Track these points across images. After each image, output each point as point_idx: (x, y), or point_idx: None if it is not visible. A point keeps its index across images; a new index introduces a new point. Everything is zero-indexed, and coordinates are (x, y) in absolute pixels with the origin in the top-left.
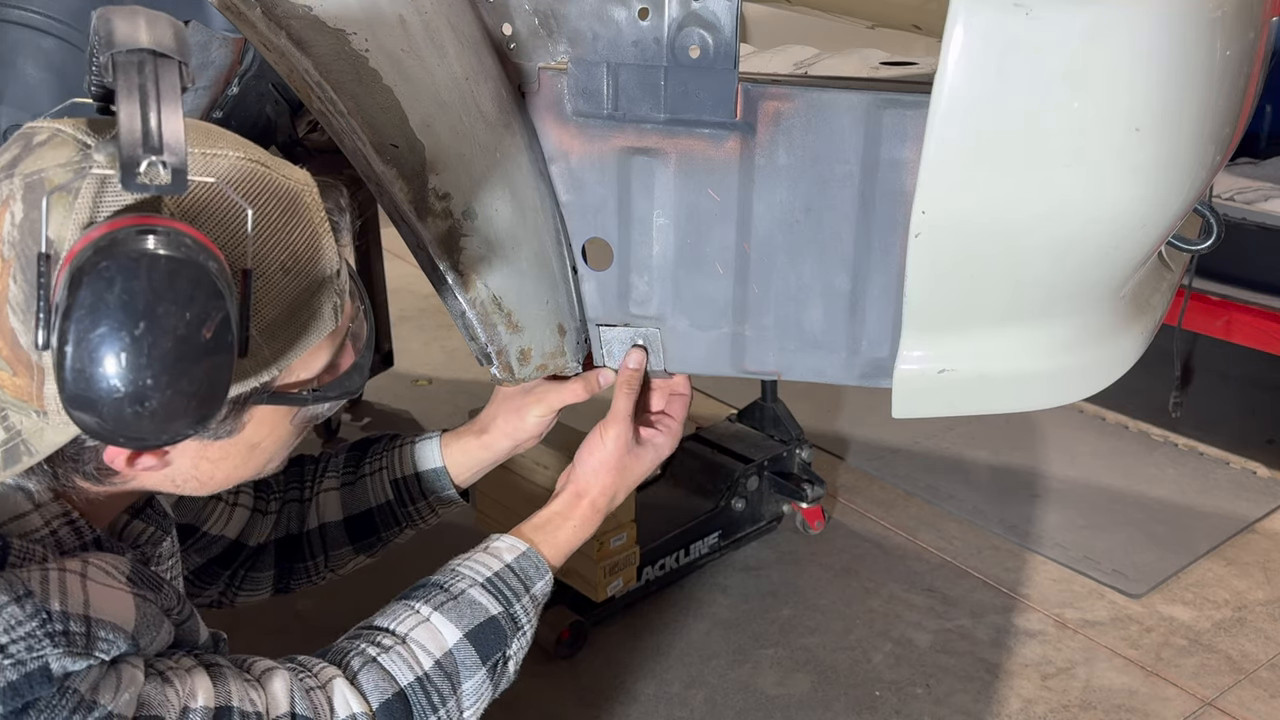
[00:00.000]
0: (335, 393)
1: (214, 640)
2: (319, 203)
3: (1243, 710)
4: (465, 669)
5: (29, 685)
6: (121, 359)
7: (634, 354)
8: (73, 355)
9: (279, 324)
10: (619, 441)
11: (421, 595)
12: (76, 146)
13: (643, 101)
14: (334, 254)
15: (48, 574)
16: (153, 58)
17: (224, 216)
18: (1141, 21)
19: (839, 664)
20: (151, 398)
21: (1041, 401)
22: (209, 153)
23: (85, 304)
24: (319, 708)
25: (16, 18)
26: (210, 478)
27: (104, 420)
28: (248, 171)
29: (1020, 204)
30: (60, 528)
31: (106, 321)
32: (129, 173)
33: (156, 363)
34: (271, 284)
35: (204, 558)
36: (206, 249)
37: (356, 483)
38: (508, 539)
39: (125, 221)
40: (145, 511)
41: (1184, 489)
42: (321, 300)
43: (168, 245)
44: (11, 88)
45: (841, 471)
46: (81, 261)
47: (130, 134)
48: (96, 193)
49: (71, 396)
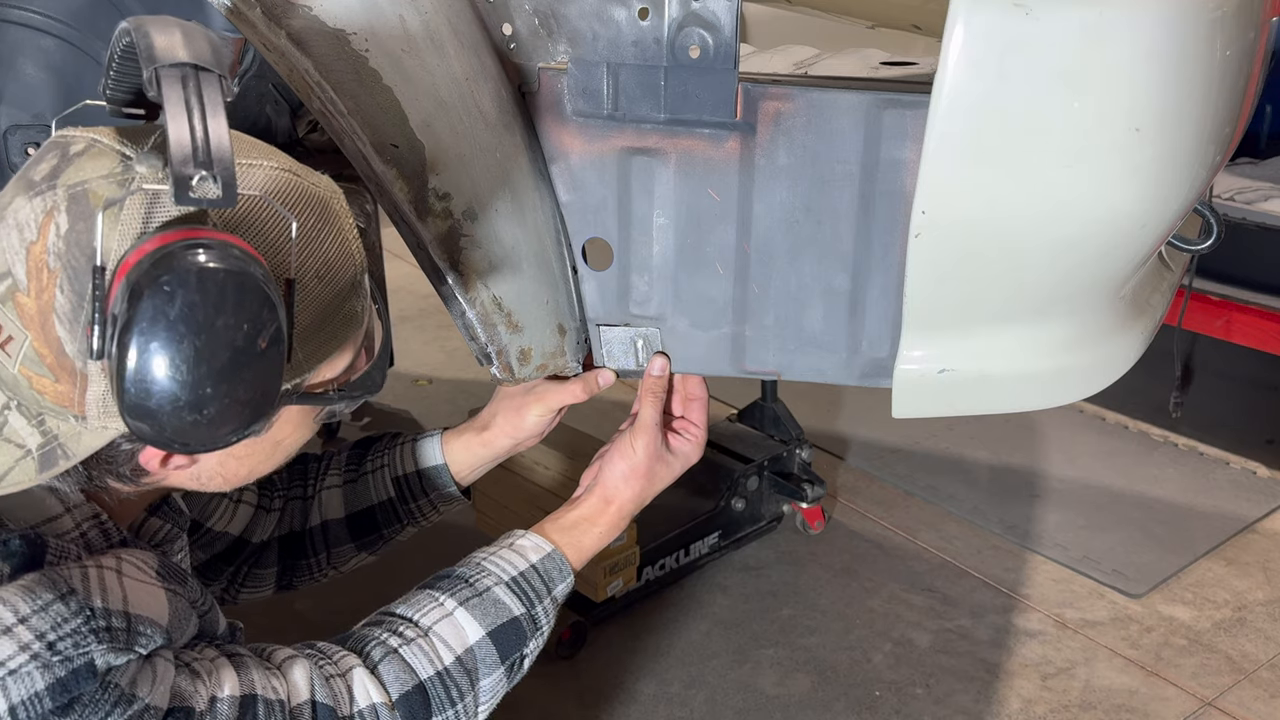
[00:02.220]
0: (359, 390)
1: (231, 630)
2: (347, 209)
3: (1243, 710)
4: (485, 667)
5: (75, 681)
6: (184, 370)
7: (657, 360)
8: (135, 366)
9: (312, 329)
10: (648, 450)
11: (446, 587)
12: (116, 157)
13: (643, 101)
14: (361, 259)
15: (87, 571)
16: (195, 72)
17: (264, 227)
18: (1141, 21)
19: (839, 664)
20: (210, 405)
21: (1042, 401)
22: (244, 163)
23: (147, 316)
24: (339, 695)
25: (16, 18)
26: (235, 474)
27: (163, 428)
28: (283, 181)
29: (1020, 204)
30: (90, 529)
31: (169, 334)
32: (181, 187)
33: (216, 373)
34: (308, 291)
35: (208, 554)
36: (256, 260)
37: (358, 480)
38: (532, 537)
39: (176, 235)
40: (161, 509)
41: (1184, 489)
42: (350, 304)
43: (221, 259)
44: (11, 88)
45: (841, 471)
46: (139, 275)
47: (180, 149)
48: (147, 206)
49: (132, 406)
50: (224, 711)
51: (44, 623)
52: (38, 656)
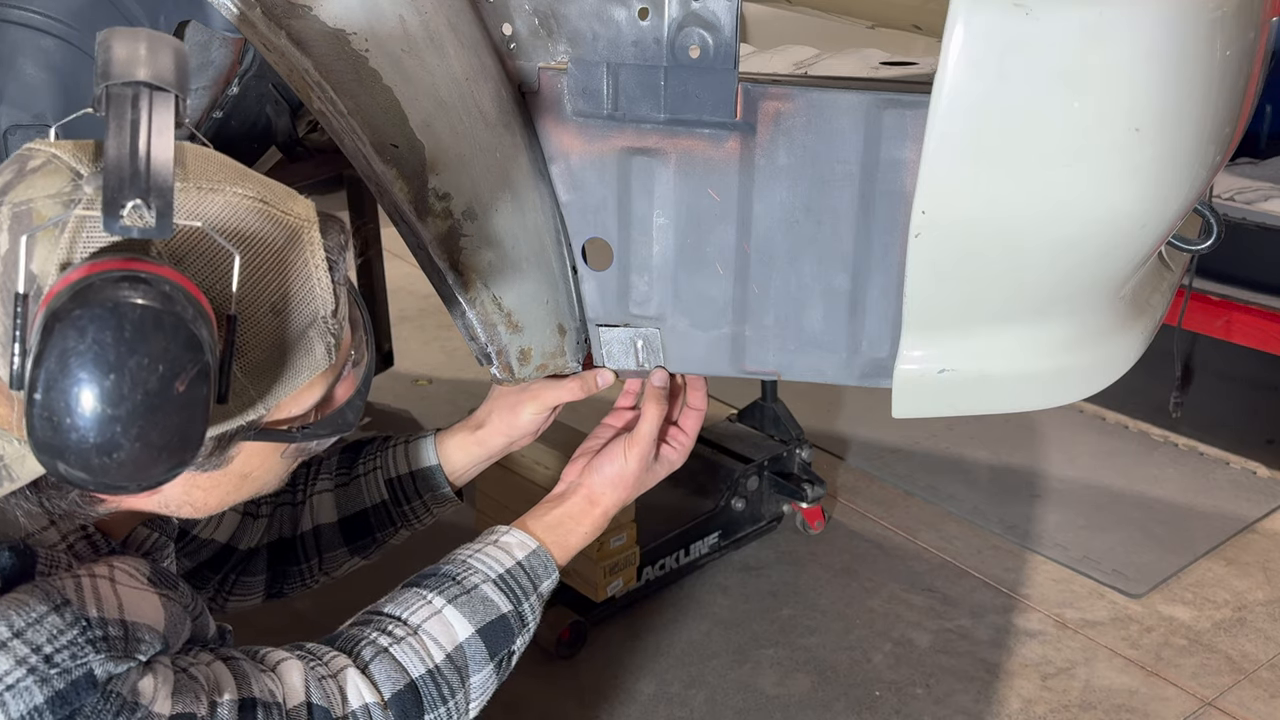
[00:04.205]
0: (326, 430)
1: (220, 633)
2: (318, 240)
3: (1243, 710)
4: (474, 663)
5: (75, 693)
6: (90, 410)
7: (658, 374)
8: (41, 402)
9: (266, 364)
10: (641, 461)
11: (433, 585)
12: (69, 175)
13: (643, 101)
14: (329, 293)
15: (80, 581)
16: (148, 91)
17: (214, 257)
18: (1141, 21)
19: (839, 664)
20: (121, 448)
21: (1042, 401)
22: (205, 188)
23: (56, 351)
24: (331, 697)
25: (16, 18)
26: (204, 504)
27: (72, 468)
28: (244, 209)
29: (1020, 204)
30: (77, 542)
31: (76, 372)
32: (112, 214)
33: (126, 415)
34: (259, 326)
35: (194, 562)
36: (189, 296)
37: (350, 484)
38: (516, 534)
39: (105, 265)
40: (151, 519)
41: (1184, 489)
42: (313, 339)
43: (146, 294)
44: (11, 88)
45: (841, 471)
46: (56, 306)
47: (116, 173)
48: (77, 231)
49: (40, 443)
50: (225, 716)
51: (39, 635)
52: (35, 670)
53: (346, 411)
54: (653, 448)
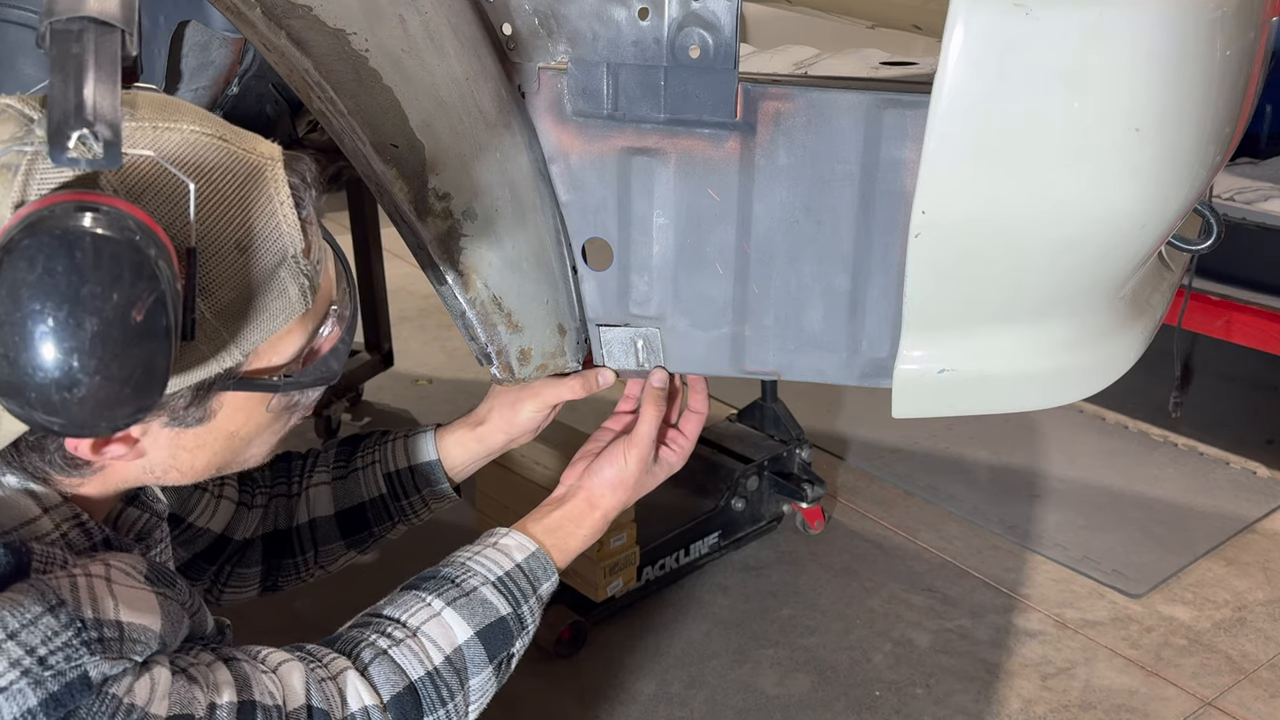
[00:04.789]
0: (310, 379)
1: (219, 628)
2: (282, 178)
3: (1243, 710)
4: (474, 666)
5: (70, 695)
6: (44, 343)
7: (657, 374)
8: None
9: (237, 306)
10: (640, 463)
11: (433, 588)
12: (21, 122)
13: (643, 101)
14: (297, 231)
15: (75, 581)
16: (94, 26)
17: (171, 193)
18: (1141, 21)
19: (839, 664)
20: (80, 384)
21: (1042, 401)
22: (161, 125)
23: (6, 283)
24: (331, 699)
25: (16, 18)
26: (190, 467)
27: (32, 407)
28: (201, 145)
29: (1020, 204)
30: (70, 530)
31: (28, 303)
32: (58, 146)
33: (82, 346)
34: (226, 263)
35: (189, 552)
36: (143, 226)
37: (348, 477)
38: (516, 536)
39: (56, 199)
40: (138, 499)
41: (1184, 489)
42: (285, 280)
43: (96, 222)
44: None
45: (841, 471)
46: (7, 240)
47: (61, 106)
48: (29, 169)
49: (0, 384)
50: (223, 718)
51: (34, 637)
52: (29, 672)
53: (330, 360)
54: (652, 449)
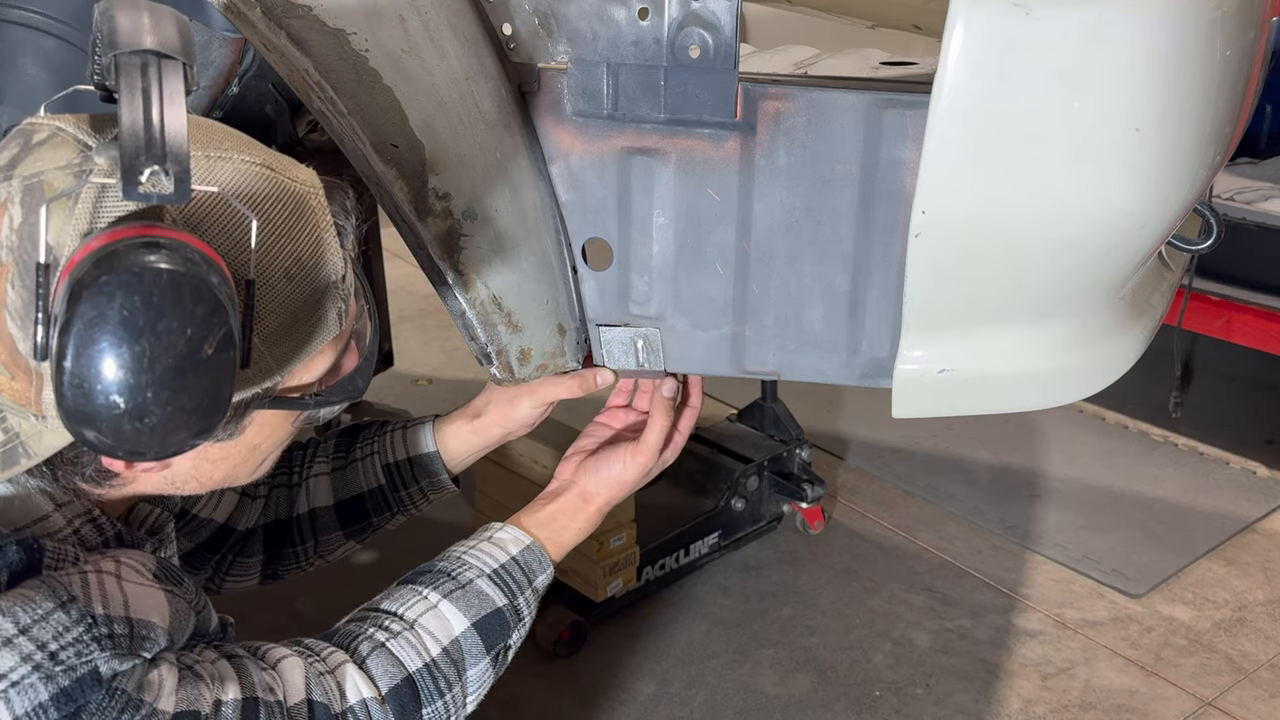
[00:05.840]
0: (338, 396)
1: (222, 625)
2: (325, 206)
3: (1243, 710)
4: (471, 657)
5: (80, 690)
6: (121, 376)
7: (668, 384)
8: (71, 370)
9: (282, 331)
10: (642, 469)
11: (429, 581)
12: (77, 147)
13: (643, 101)
14: (339, 259)
15: (86, 577)
16: (157, 59)
17: (228, 224)
18: (1141, 21)
19: (839, 664)
20: (152, 414)
21: (1042, 401)
22: (212, 155)
23: (85, 319)
24: (330, 693)
25: (16, 18)
26: (209, 477)
27: (103, 435)
28: (253, 175)
29: (1020, 204)
30: (82, 525)
31: (106, 338)
32: (130, 181)
33: (157, 380)
34: (275, 292)
35: (192, 542)
36: (209, 261)
37: (348, 467)
38: (510, 530)
39: (126, 232)
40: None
41: (1184, 489)
42: (326, 306)
43: (169, 259)
44: (11, 88)
45: (841, 471)
46: (81, 274)
47: (132, 141)
48: (96, 200)
49: (70, 411)
50: (228, 715)
51: (45, 632)
52: (40, 667)
53: (356, 378)
54: (655, 458)
